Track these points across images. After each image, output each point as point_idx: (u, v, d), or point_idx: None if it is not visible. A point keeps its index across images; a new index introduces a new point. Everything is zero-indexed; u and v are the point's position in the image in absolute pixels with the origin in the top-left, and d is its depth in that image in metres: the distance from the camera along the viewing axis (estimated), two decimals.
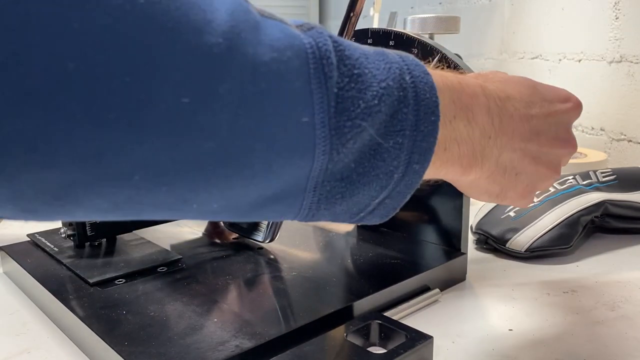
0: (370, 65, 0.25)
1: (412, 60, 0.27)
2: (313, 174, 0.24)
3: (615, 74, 0.88)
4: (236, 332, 0.35)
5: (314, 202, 0.25)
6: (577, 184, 0.59)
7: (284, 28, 0.23)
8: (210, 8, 0.20)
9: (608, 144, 0.90)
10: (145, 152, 0.19)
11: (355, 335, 0.36)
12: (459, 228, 0.49)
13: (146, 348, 0.33)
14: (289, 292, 0.42)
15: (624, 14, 0.85)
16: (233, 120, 0.21)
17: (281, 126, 0.22)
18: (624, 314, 0.43)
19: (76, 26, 0.17)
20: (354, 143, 0.24)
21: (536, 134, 0.33)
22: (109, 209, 0.21)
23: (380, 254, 0.49)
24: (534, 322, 0.42)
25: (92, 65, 0.17)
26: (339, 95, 0.23)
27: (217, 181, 0.22)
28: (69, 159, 0.18)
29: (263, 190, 0.24)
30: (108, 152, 0.19)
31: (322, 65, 0.23)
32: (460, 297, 0.46)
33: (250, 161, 0.22)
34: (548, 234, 0.54)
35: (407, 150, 0.26)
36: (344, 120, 0.23)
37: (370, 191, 0.26)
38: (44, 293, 0.42)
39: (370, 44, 0.48)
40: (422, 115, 0.26)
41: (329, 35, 0.24)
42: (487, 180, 0.32)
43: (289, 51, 0.22)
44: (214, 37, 0.20)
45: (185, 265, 0.46)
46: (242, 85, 0.21)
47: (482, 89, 0.31)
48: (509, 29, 1.08)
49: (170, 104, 0.19)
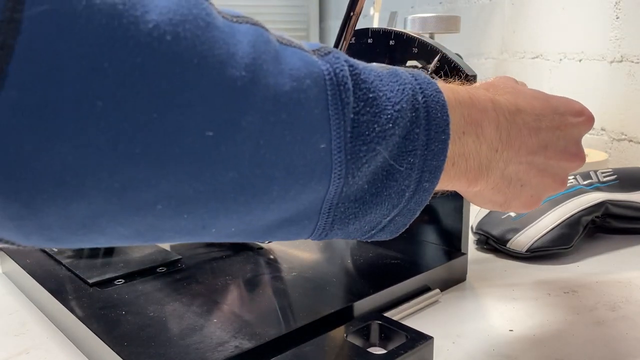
0: (384, 87, 0.25)
1: (424, 79, 0.27)
2: (328, 197, 0.25)
3: (616, 73, 0.87)
4: (236, 332, 0.35)
5: (328, 222, 0.26)
6: (578, 184, 0.59)
7: (302, 55, 0.23)
8: (233, 41, 0.21)
9: (609, 143, 0.90)
10: (168, 183, 0.20)
11: (355, 336, 0.36)
12: (459, 228, 0.49)
13: (145, 348, 0.33)
14: (289, 292, 0.42)
15: (625, 13, 0.85)
16: (254, 150, 0.21)
17: (300, 153, 0.22)
18: (625, 315, 0.43)
19: (106, 65, 0.17)
20: (368, 166, 0.25)
21: (544, 147, 0.33)
22: (131, 236, 0.21)
23: (381, 254, 0.48)
24: (535, 323, 0.42)
25: (120, 103, 0.18)
26: (355, 120, 0.24)
27: (237, 208, 0.22)
28: (96, 191, 0.19)
29: (280, 214, 0.24)
30: (133, 184, 0.19)
31: (340, 92, 0.23)
32: (460, 297, 0.46)
33: (270, 188, 0.22)
34: (549, 234, 0.54)
35: (418, 169, 0.26)
36: (359, 144, 0.24)
37: (382, 210, 0.27)
38: (44, 293, 0.42)
39: (370, 44, 0.48)
40: (433, 134, 0.26)
41: (345, 60, 0.24)
42: (492, 191, 0.33)
43: (308, 79, 0.22)
44: (237, 71, 0.20)
45: (184, 265, 0.46)
46: (264, 117, 0.21)
47: (492, 103, 0.31)
48: (509, 29, 1.08)
49: (195, 138, 0.20)
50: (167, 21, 0.18)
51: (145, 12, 0.18)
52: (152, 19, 0.18)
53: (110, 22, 0.17)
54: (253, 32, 0.22)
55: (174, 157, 0.19)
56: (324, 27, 2.32)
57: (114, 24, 0.17)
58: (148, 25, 0.18)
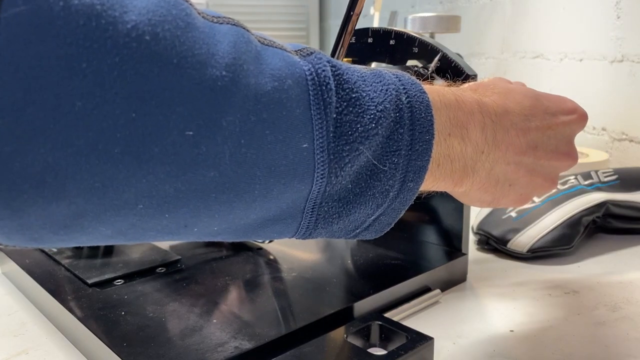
0: (367, 88, 0.25)
1: (408, 80, 0.27)
2: (311, 196, 0.25)
3: (617, 73, 0.87)
4: (235, 333, 0.35)
5: (312, 222, 0.26)
6: (579, 184, 0.59)
7: (284, 56, 0.23)
8: (213, 41, 0.21)
9: (609, 143, 0.90)
10: (149, 183, 0.20)
11: (355, 337, 0.36)
12: (460, 228, 0.48)
13: (145, 349, 0.33)
14: (289, 293, 0.41)
15: (626, 13, 0.85)
16: (235, 149, 0.21)
17: (282, 153, 0.22)
18: (626, 315, 0.43)
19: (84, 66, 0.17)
20: (351, 166, 0.25)
21: (533, 147, 0.33)
22: (113, 235, 0.21)
23: (381, 255, 0.48)
24: (535, 323, 0.42)
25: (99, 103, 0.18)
26: (338, 120, 0.24)
27: (219, 207, 0.22)
28: (76, 192, 0.19)
29: (263, 213, 0.24)
30: (114, 184, 0.19)
31: (322, 92, 0.23)
32: (461, 297, 0.46)
33: (251, 187, 0.22)
34: (549, 234, 0.54)
35: (402, 169, 0.26)
36: (342, 144, 0.24)
37: (367, 209, 0.27)
38: (43, 294, 0.42)
39: (370, 43, 0.48)
40: (417, 134, 0.26)
41: (327, 61, 0.24)
42: (479, 191, 0.33)
43: (289, 79, 0.22)
44: (217, 70, 0.20)
45: (184, 265, 0.46)
46: (245, 116, 0.21)
47: (479, 105, 0.31)
48: (510, 28, 1.08)
49: (174, 137, 0.19)
50: (146, 21, 0.18)
51: (124, 12, 0.18)
52: (130, 19, 0.18)
53: (88, 23, 0.17)
54: (234, 32, 0.22)
55: (154, 157, 0.19)
56: (324, 27, 2.31)
57: (92, 25, 0.17)
58: (127, 25, 0.18)
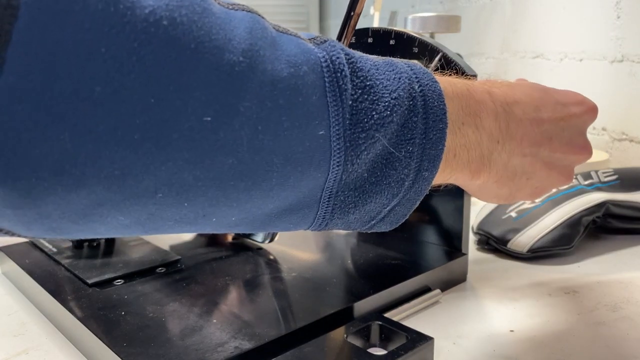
0: (381, 76, 0.25)
1: (420, 69, 0.27)
2: (328, 185, 0.24)
3: (617, 73, 0.87)
4: (235, 333, 0.35)
5: (328, 211, 0.26)
6: (579, 184, 0.59)
7: (299, 43, 0.23)
8: (230, 26, 0.21)
9: (610, 143, 0.90)
10: (168, 170, 0.20)
11: (355, 337, 0.36)
12: (460, 228, 0.48)
13: (145, 349, 0.33)
14: (289, 293, 0.41)
15: (626, 13, 0.85)
16: (252, 135, 0.21)
17: (298, 139, 0.22)
18: (626, 315, 0.43)
19: (103, 51, 0.17)
20: (367, 154, 0.25)
21: (548, 138, 0.33)
22: (131, 225, 0.21)
23: (381, 255, 0.48)
24: (535, 323, 0.42)
25: (118, 89, 0.18)
26: (354, 107, 0.24)
27: (237, 195, 0.22)
28: (96, 180, 0.19)
29: (280, 202, 0.24)
30: (133, 172, 0.19)
31: (337, 78, 0.23)
32: (461, 298, 0.46)
33: (269, 175, 0.22)
34: (549, 234, 0.53)
35: (417, 158, 0.26)
36: (358, 131, 0.24)
37: (382, 199, 0.27)
38: (43, 294, 0.42)
39: (370, 43, 0.48)
40: (431, 123, 0.26)
41: (341, 48, 0.24)
42: (497, 184, 0.33)
43: (305, 66, 0.22)
44: (234, 56, 0.20)
45: (184, 266, 0.46)
46: (262, 102, 0.21)
47: (489, 94, 0.31)
48: (510, 28, 1.08)
49: (193, 123, 0.19)
50: (164, 6, 0.18)
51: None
52: (148, 4, 0.18)
53: (106, 8, 0.17)
54: (249, 18, 0.22)
55: (173, 143, 0.19)
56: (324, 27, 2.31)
57: (110, 10, 0.17)
58: (144, 10, 0.18)
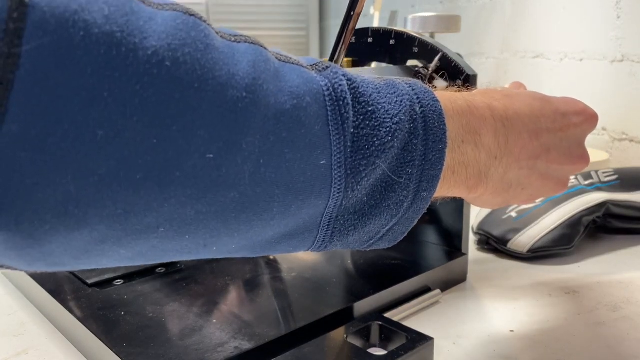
0: (382, 100, 0.25)
1: (421, 88, 0.27)
2: (328, 210, 0.25)
3: (617, 73, 0.87)
4: (235, 333, 0.35)
5: (328, 235, 0.26)
6: (579, 184, 0.59)
7: (301, 72, 0.23)
8: (233, 61, 0.20)
9: (610, 143, 0.90)
10: (171, 206, 0.20)
11: (355, 337, 0.36)
12: (460, 228, 0.48)
13: (145, 349, 0.33)
14: (289, 293, 0.41)
15: (626, 13, 0.85)
16: (255, 169, 0.21)
17: (300, 170, 0.22)
18: (626, 315, 0.43)
19: (106, 95, 0.17)
20: (368, 180, 0.25)
21: (546, 150, 0.33)
22: (134, 257, 0.22)
23: (381, 255, 0.48)
24: (536, 323, 0.42)
25: (121, 131, 0.18)
26: (355, 134, 0.24)
27: (238, 226, 0.22)
28: (98, 219, 0.19)
29: (280, 229, 0.24)
30: (135, 210, 0.19)
31: (339, 107, 0.23)
32: (461, 298, 0.46)
33: (270, 205, 0.23)
34: (550, 234, 0.53)
35: (416, 179, 0.26)
36: (359, 159, 0.24)
37: (381, 220, 0.27)
38: (42, 294, 0.42)
39: (370, 43, 0.48)
40: (431, 144, 0.26)
41: (343, 74, 0.24)
42: (492, 195, 0.33)
43: (307, 96, 0.22)
44: (237, 92, 0.20)
45: (184, 265, 0.46)
46: (265, 136, 0.21)
47: (490, 110, 0.31)
48: (510, 28, 1.08)
49: (196, 161, 0.19)
50: (166, 46, 0.18)
51: (144, 38, 0.18)
52: (151, 44, 0.18)
53: (108, 52, 0.17)
54: (252, 51, 0.22)
55: (176, 181, 0.19)
56: (324, 27, 2.31)
57: (113, 53, 0.17)
58: (147, 52, 0.18)
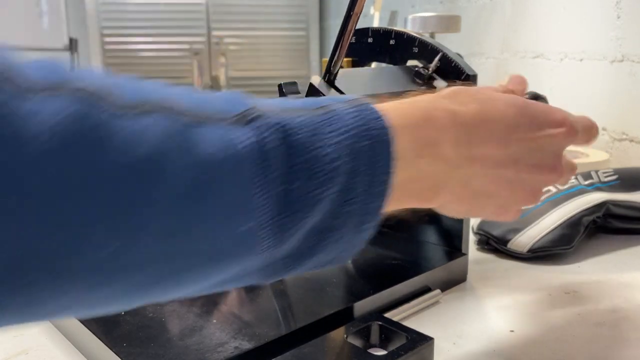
0: (320, 143, 0.24)
1: (367, 116, 0.26)
2: (260, 264, 0.24)
3: (617, 73, 0.87)
4: (235, 333, 0.35)
5: (269, 275, 0.26)
6: (579, 184, 0.59)
7: (221, 135, 0.21)
8: (132, 146, 0.19)
9: (610, 143, 0.90)
10: (77, 292, 0.20)
11: (355, 337, 0.36)
12: (460, 228, 0.48)
13: (145, 349, 0.33)
14: (289, 293, 0.41)
15: (626, 13, 0.85)
16: (168, 247, 0.21)
17: (219, 240, 0.22)
18: (626, 315, 0.43)
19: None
20: (301, 230, 0.24)
21: (514, 160, 0.31)
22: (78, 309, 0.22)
23: (381, 255, 0.48)
24: (536, 323, 0.42)
25: (13, 229, 0.17)
26: (286, 190, 0.23)
27: (164, 293, 0.23)
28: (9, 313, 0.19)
29: (219, 279, 0.24)
30: (36, 302, 0.19)
31: (264, 167, 0.22)
32: (461, 298, 0.46)
33: (193, 274, 0.23)
34: (549, 234, 0.53)
35: (358, 214, 0.25)
36: (289, 214, 0.23)
37: (323, 256, 0.26)
38: None
39: (370, 43, 0.48)
40: (375, 178, 0.25)
41: (275, 123, 0.23)
42: (457, 204, 0.32)
43: (227, 163, 0.21)
44: (137, 179, 0.19)
45: None
46: (176, 215, 0.20)
47: (452, 116, 0.29)
48: (510, 28, 1.08)
49: (95, 252, 0.19)
50: (53, 148, 0.17)
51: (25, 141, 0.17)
52: (33, 149, 0.17)
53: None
54: (160, 124, 0.20)
55: (74, 275, 0.19)
56: (324, 26, 2.31)
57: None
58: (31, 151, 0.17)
